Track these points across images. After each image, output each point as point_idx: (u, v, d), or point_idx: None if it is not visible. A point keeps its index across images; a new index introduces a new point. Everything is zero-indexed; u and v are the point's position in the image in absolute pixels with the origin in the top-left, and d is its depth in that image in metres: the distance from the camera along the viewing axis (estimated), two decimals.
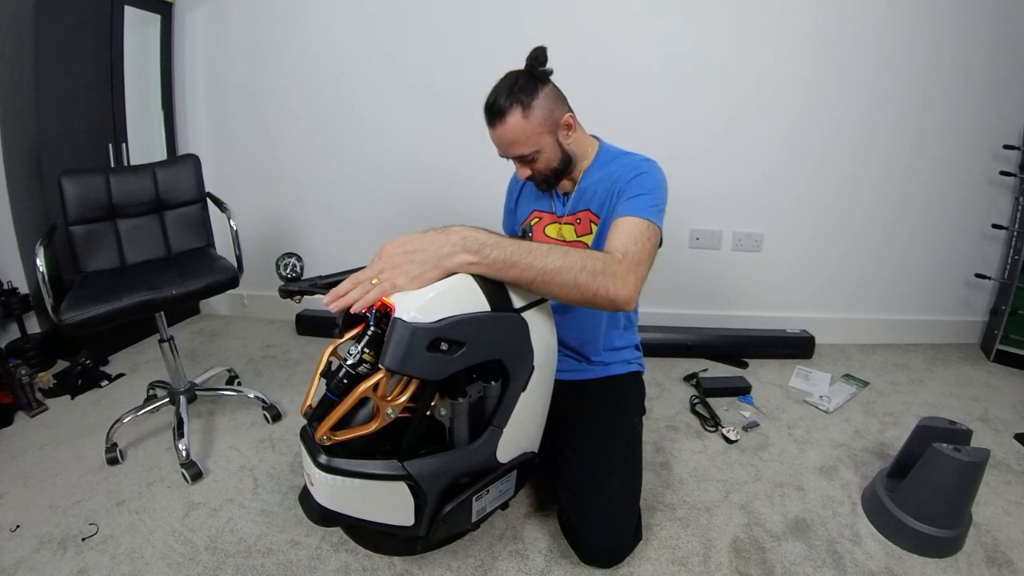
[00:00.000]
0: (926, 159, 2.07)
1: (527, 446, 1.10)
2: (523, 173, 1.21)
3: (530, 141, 1.14)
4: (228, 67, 2.29)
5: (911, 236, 2.17)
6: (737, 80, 2.01)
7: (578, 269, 0.89)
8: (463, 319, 0.81)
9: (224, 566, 1.14)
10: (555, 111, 1.16)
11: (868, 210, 2.14)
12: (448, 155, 2.21)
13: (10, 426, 1.69)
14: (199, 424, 1.67)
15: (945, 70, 1.96)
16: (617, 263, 0.94)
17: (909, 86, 1.98)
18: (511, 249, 0.87)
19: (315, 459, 0.87)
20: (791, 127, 2.05)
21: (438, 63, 2.13)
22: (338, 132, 2.27)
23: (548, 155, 1.18)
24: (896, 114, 2.02)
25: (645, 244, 1.01)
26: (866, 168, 2.08)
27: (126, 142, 2.17)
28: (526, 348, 0.95)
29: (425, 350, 0.78)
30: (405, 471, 0.88)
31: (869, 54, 1.95)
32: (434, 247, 0.85)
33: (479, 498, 1.03)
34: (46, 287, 1.37)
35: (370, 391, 0.82)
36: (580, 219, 1.26)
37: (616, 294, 0.91)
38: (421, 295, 0.82)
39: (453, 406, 0.92)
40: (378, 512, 0.93)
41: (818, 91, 2.00)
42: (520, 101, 1.11)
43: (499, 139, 1.16)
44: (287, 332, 2.42)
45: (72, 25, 1.93)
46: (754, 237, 2.18)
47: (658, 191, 1.14)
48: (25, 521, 1.27)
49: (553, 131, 1.17)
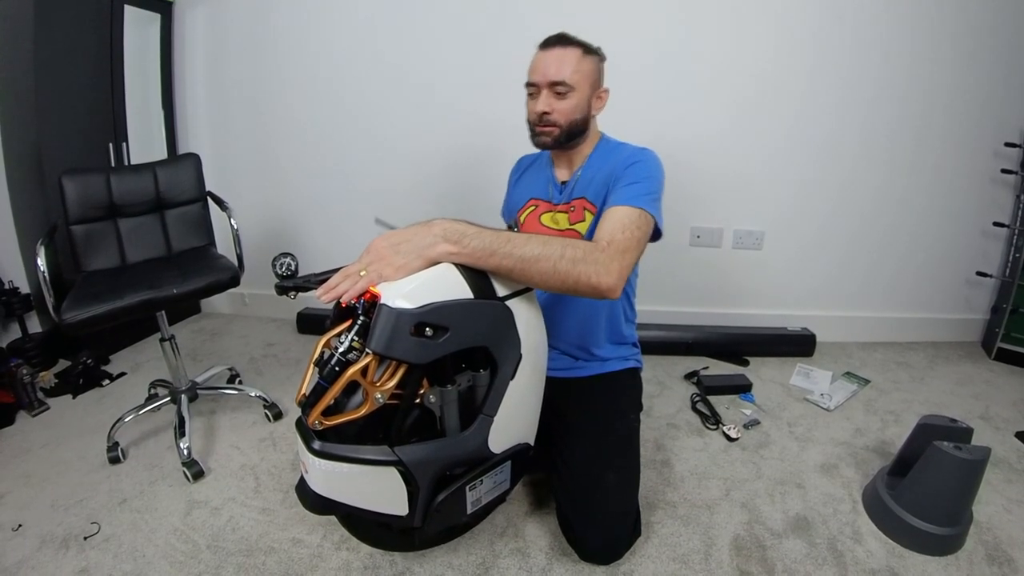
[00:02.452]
0: (927, 156, 2.07)
1: (521, 437, 1.10)
2: (545, 104, 1.20)
3: (574, 76, 1.18)
4: (228, 66, 2.29)
5: (912, 234, 2.17)
6: (738, 78, 2.00)
7: (557, 257, 0.91)
8: (445, 305, 0.84)
9: (226, 564, 1.14)
10: (598, 76, 1.25)
11: (869, 208, 2.13)
12: (447, 155, 2.21)
13: (12, 425, 1.69)
14: (200, 423, 1.68)
15: (947, 68, 1.96)
16: (600, 251, 0.95)
17: (910, 84, 1.98)
18: (490, 238, 0.91)
19: (308, 445, 0.89)
20: (792, 125, 2.05)
21: (437, 63, 2.12)
22: (338, 131, 2.27)
23: (578, 102, 1.20)
24: (897, 112, 2.01)
25: (633, 232, 1.02)
26: (867, 167, 2.08)
27: (126, 141, 2.17)
28: (512, 336, 0.97)
29: (409, 335, 0.82)
30: (395, 456, 0.90)
31: (870, 52, 1.95)
32: (417, 239, 0.90)
33: (473, 488, 1.03)
34: (47, 286, 1.37)
35: (359, 375, 0.84)
36: (574, 207, 1.27)
37: (598, 282, 0.92)
38: (405, 283, 0.86)
39: (442, 393, 0.94)
40: (372, 500, 0.94)
41: (819, 89, 2.00)
42: (583, 45, 1.21)
43: (551, 59, 1.19)
44: (288, 331, 2.42)
45: (72, 25, 1.92)
46: (755, 235, 2.18)
47: (652, 180, 1.14)
48: (27, 520, 1.27)
49: (592, 89, 1.22)
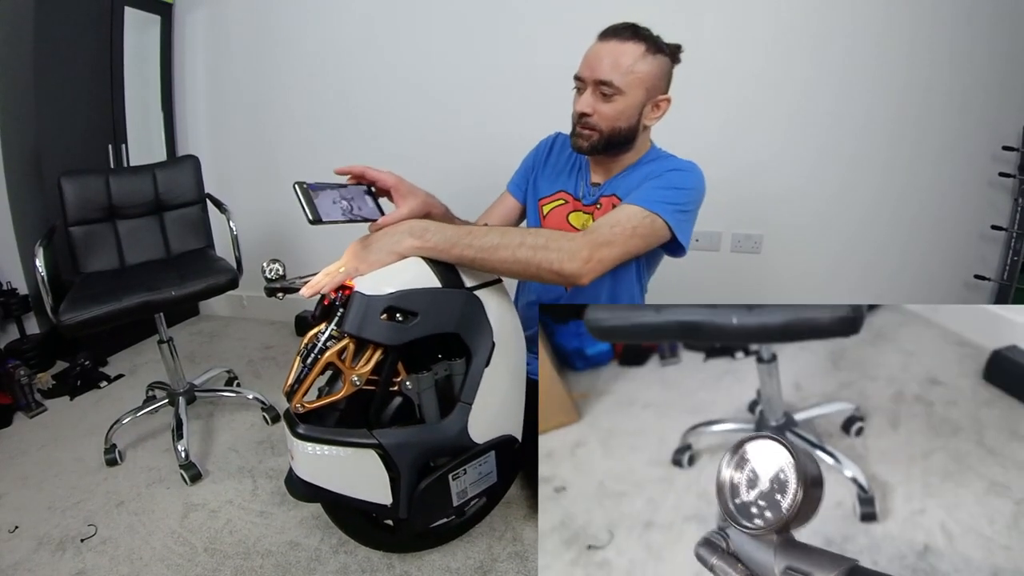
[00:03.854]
0: (925, 160, 2.07)
1: (505, 429, 1.11)
2: (586, 104, 1.06)
3: (626, 77, 1.03)
4: (228, 68, 2.29)
5: (910, 237, 2.17)
6: (734, 80, 2.01)
7: (516, 245, 0.93)
8: (413, 291, 0.92)
9: (223, 567, 1.14)
10: (660, 81, 1.09)
11: (866, 212, 2.14)
12: (447, 158, 2.21)
13: (9, 427, 1.69)
14: (198, 425, 1.67)
15: (944, 70, 1.96)
16: (568, 239, 0.94)
17: (908, 87, 1.98)
18: (451, 232, 0.95)
19: (293, 430, 0.94)
20: (789, 128, 2.05)
21: (437, 65, 2.12)
22: (337, 133, 2.27)
23: (625, 107, 1.06)
24: (894, 115, 2.02)
25: (624, 228, 0.97)
26: (864, 169, 2.08)
27: (126, 143, 2.17)
28: (483, 323, 1.01)
29: (380, 318, 0.89)
30: (375, 439, 0.95)
31: (867, 54, 1.95)
32: (386, 237, 0.97)
33: (456, 478, 1.05)
34: (45, 288, 1.37)
35: (335, 357, 0.91)
36: (601, 204, 1.17)
37: (561, 267, 0.91)
38: (376, 274, 0.94)
39: (418, 380, 1.00)
40: (356, 487, 0.97)
41: (816, 92, 2.00)
42: (649, 40, 1.06)
43: (602, 53, 1.05)
44: (286, 333, 2.42)
45: (72, 25, 1.93)
46: (753, 238, 2.18)
47: (684, 192, 1.06)
48: (24, 522, 1.27)
49: (647, 95, 1.07)
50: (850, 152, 2.07)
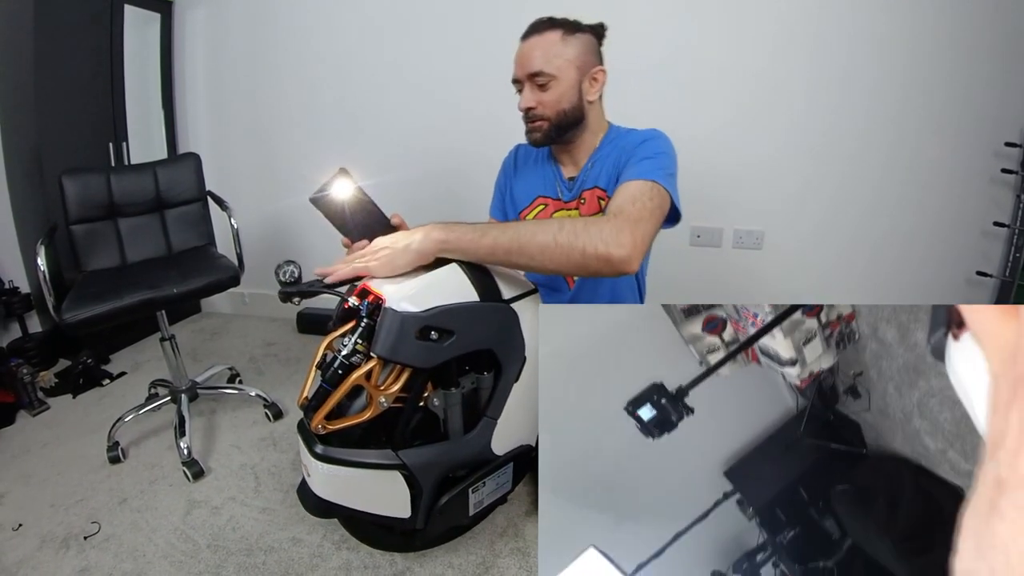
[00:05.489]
0: (927, 156, 2.06)
1: (523, 439, 1.10)
2: (528, 99, 1.11)
3: (554, 63, 1.08)
4: (228, 66, 2.29)
5: (912, 234, 2.16)
6: (736, 77, 2.00)
7: (555, 230, 0.86)
8: (451, 308, 0.84)
9: (226, 564, 1.14)
10: (589, 56, 1.13)
11: (868, 208, 2.13)
12: (447, 156, 2.21)
13: (12, 425, 1.69)
14: (200, 422, 1.68)
15: (946, 67, 1.96)
16: (606, 221, 0.88)
17: (909, 83, 1.98)
18: (481, 225, 0.91)
19: (311, 449, 0.89)
20: (791, 124, 2.04)
21: (437, 64, 2.12)
22: (337, 131, 2.27)
23: (564, 90, 1.10)
24: (896, 111, 2.01)
25: (646, 203, 0.93)
26: (866, 166, 2.08)
27: (126, 141, 2.17)
28: (516, 338, 0.96)
29: (415, 338, 0.81)
30: (399, 460, 0.89)
31: (869, 51, 1.95)
32: (406, 235, 0.91)
33: (476, 491, 1.03)
34: (47, 286, 1.38)
35: (363, 379, 0.84)
36: (584, 199, 1.18)
37: (607, 251, 0.84)
38: (410, 285, 0.85)
39: (446, 396, 0.94)
40: (374, 503, 0.94)
41: (818, 89, 2.00)
42: (566, 25, 1.10)
43: (526, 51, 1.10)
44: (288, 330, 2.42)
45: (72, 25, 1.92)
46: (755, 234, 2.17)
47: (665, 156, 1.07)
48: (27, 520, 1.28)
49: (580, 72, 1.11)
50: (852, 148, 2.07)
